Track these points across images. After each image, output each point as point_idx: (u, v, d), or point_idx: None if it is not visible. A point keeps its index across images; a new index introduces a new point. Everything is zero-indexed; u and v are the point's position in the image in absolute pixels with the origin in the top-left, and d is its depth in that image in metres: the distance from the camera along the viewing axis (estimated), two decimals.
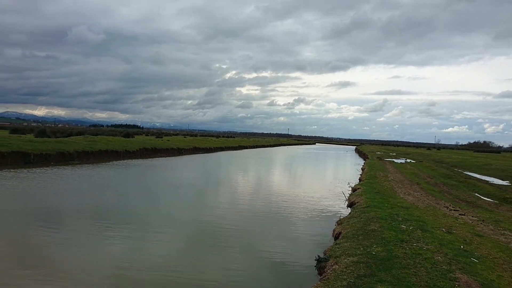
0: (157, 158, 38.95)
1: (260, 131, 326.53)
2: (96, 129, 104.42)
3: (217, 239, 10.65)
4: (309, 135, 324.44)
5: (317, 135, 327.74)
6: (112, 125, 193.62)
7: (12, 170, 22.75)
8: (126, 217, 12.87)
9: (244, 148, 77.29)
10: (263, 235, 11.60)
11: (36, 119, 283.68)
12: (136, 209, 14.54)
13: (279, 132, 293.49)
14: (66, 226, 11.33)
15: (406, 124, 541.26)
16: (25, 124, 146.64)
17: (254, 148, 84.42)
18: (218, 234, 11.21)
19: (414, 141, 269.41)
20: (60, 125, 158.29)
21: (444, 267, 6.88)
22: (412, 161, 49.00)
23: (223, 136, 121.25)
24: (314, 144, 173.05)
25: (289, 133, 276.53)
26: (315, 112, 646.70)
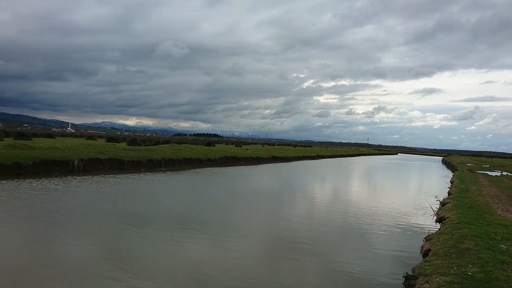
0: (237, 167, 40.04)
1: (338, 141, 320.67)
2: (180, 138, 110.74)
3: (292, 250, 10.57)
4: (390, 144, 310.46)
5: (399, 145, 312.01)
6: (194, 134, 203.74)
7: (108, 175, 24.95)
8: (207, 223, 13.37)
9: (322, 158, 76.28)
10: (341, 248, 11.28)
11: (128, 128, 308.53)
12: (216, 215, 15.06)
13: (358, 142, 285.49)
14: (150, 229, 12.12)
15: (501, 133, 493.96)
16: (118, 133, 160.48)
17: (332, 157, 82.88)
18: (294, 245, 11.12)
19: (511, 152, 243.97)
20: (148, 134, 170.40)
21: None
22: (509, 174, 44.47)
23: (300, 145, 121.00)
24: (396, 154, 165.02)
25: (369, 143, 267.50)
26: (397, 120, 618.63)
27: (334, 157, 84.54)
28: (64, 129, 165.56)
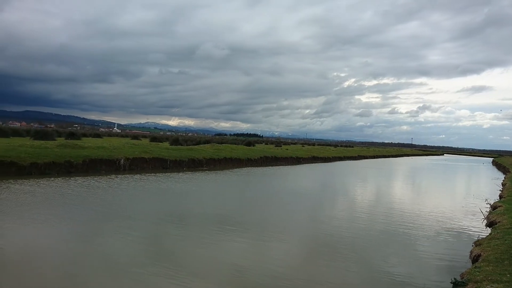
0: (277, 167, 40.04)
1: (381, 141, 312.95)
2: (221, 137, 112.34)
3: (332, 253, 10.41)
4: (435, 145, 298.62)
5: (445, 145, 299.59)
6: (234, 134, 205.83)
7: (153, 174, 25.74)
8: (246, 223, 13.48)
9: (364, 158, 74.67)
10: (384, 252, 10.96)
11: (170, 128, 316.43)
12: (255, 215, 15.13)
13: (401, 142, 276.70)
14: (189, 227, 12.37)
15: None
16: (161, 133, 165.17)
17: (374, 158, 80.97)
18: (334, 248, 10.94)
19: None
20: (190, 134, 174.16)
21: None
22: None
23: (341, 146, 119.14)
24: (442, 155, 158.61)
25: (413, 143, 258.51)
26: (443, 120, 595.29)
27: (376, 158, 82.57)
28: (111, 129, 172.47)
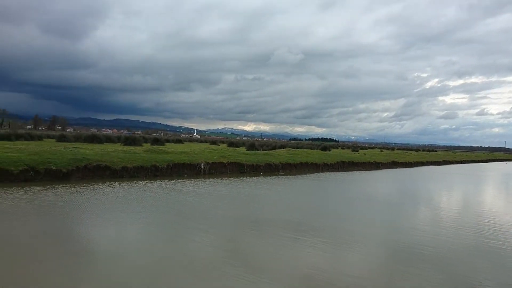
0: (354, 172, 39.06)
1: (468, 144, 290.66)
2: (296, 142, 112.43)
3: (412, 265, 9.83)
4: None
5: None
6: (309, 139, 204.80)
7: (231, 178, 26.60)
8: (321, 229, 13.32)
9: (449, 163, 69.79)
10: (471, 268, 10.07)
11: (246, 133, 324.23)
12: (330, 222, 14.86)
13: (492, 146, 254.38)
14: (266, 231, 12.53)
15: None
16: (238, 138, 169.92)
17: (461, 163, 75.28)
18: (414, 259, 10.33)
19: None
20: (265, 139, 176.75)
21: None
22: None
23: (423, 150, 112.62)
24: None
25: (506, 147, 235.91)
26: None
27: (463, 163, 76.68)
28: (191, 135, 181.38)
